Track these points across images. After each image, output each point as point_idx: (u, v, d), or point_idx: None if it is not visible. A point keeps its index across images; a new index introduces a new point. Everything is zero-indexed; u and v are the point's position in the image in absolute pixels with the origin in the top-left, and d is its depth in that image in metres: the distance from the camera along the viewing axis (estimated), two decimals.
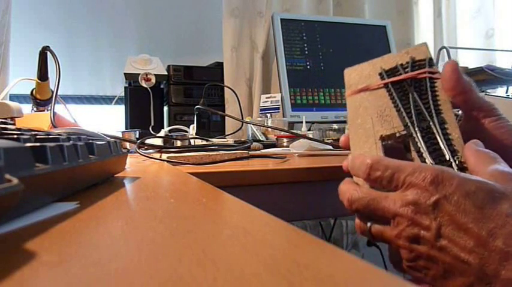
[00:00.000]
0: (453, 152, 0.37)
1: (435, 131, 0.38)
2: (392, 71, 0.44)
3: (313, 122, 1.33)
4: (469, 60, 1.68)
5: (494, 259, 0.29)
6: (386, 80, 0.43)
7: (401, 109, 0.41)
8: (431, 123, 0.39)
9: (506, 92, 1.28)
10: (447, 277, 0.32)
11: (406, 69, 0.43)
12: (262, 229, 0.19)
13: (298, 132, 1.01)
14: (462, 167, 0.36)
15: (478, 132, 0.39)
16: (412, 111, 0.40)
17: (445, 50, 1.30)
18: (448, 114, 0.39)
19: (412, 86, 0.42)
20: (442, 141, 0.38)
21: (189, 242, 0.16)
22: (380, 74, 0.45)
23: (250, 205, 0.24)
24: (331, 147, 0.84)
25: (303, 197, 0.61)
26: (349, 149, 0.43)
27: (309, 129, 1.22)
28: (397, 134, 0.40)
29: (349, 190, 0.38)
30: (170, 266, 0.13)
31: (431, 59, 0.43)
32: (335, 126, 1.19)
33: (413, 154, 0.39)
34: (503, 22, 1.72)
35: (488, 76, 1.07)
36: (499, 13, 1.72)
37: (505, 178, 0.32)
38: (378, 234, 0.36)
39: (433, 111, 0.40)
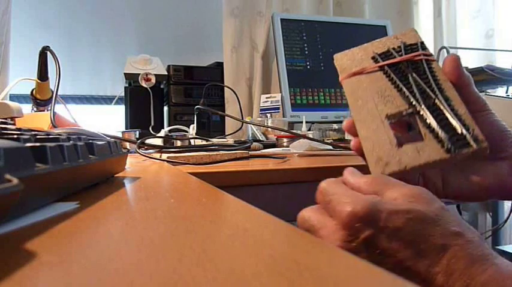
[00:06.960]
0: (465, 126, 0.36)
1: (442, 107, 0.38)
2: (385, 55, 0.44)
3: (313, 122, 1.32)
4: (469, 60, 1.68)
5: None
6: (383, 63, 0.43)
7: (403, 89, 0.40)
8: (436, 100, 0.38)
9: (506, 92, 1.28)
10: None
11: (400, 53, 0.43)
12: (262, 229, 0.19)
13: (298, 132, 1.00)
14: (476, 139, 0.35)
15: None
16: (415, 90, 0.40)
17: (445, 50, 1.31)
18: (451, 92, 0.39)
19: (410, 67, 0.42)
20: (451, 116, 0.37)
21: (189, 242, 0.16)
22: (373, 57, 0.44)
23: (250, 205, 0.24)
24: (331, 147, 0.84)
25: (303, 197, 0.61)
26: (352, 134, 0.42)
27: (309, 129, 1.22)
28: (404, 113, 0.39)
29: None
30: (170, 266, 0.13)
31: (422, 42, 0.44)
32: (335, 126, 1.19)
33: (423, 131, 0.37)
34: (503, 22, 1.71)
35: (488, 76, 1.07)
36: (499, 13, 1.72)
37: (423, 199, 0.30)
38: None
39: (436, 89, 0.39)
